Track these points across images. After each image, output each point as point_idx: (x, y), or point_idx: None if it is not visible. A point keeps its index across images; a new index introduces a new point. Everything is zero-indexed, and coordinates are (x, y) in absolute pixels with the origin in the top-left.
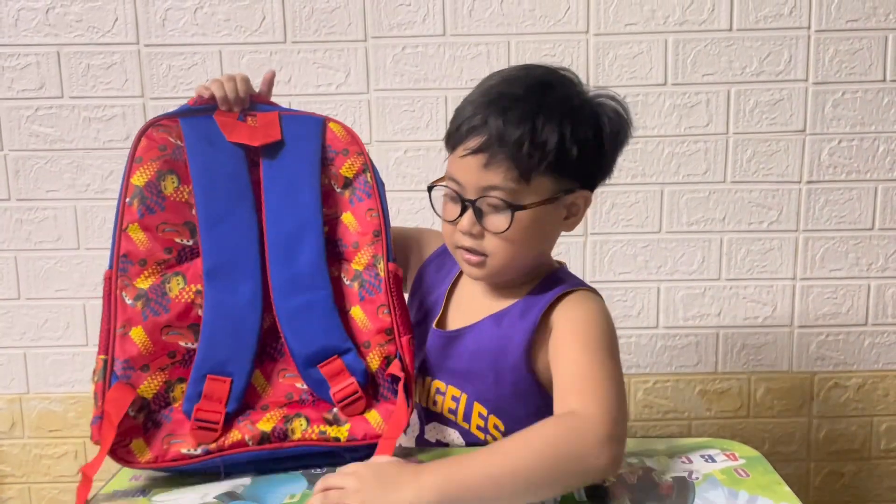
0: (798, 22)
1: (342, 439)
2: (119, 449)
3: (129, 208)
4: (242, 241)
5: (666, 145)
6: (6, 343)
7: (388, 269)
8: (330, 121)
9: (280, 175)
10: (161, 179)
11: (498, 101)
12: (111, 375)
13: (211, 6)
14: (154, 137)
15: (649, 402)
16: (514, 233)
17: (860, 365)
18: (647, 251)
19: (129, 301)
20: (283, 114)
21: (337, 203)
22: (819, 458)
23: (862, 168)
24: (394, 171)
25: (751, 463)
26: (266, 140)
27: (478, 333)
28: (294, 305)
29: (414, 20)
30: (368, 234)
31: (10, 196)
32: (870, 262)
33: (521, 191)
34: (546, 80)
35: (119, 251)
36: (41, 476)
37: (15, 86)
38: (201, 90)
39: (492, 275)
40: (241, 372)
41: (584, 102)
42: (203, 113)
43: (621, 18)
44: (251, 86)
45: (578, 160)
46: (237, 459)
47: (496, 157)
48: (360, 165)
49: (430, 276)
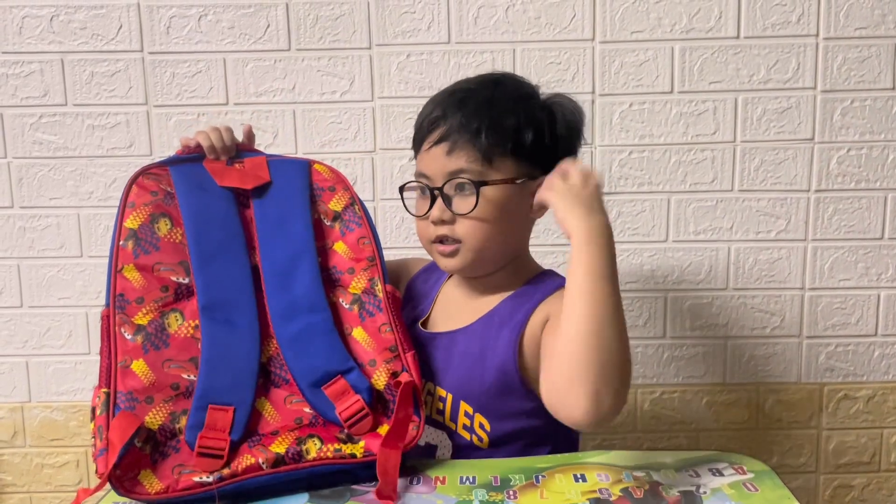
0: (806, 30)
1: (359, 455)
2: (127, 481)
3: (123, 250)
4: (236, 278)
5: (673, 153)
6: (8, 351)
7: (385, 290)
8: (315, 163)
9: (271, 211)
10: (154, 222)
11: (454, 94)
12: (114, 407)
13: (215, 14)
14: (145, 185)
15: (656, 413)
16: (481, 212)
17: (870, 376)
18: (653, 260)
19: (129, 336)
20: (270, 159)
21: (328, 235)
22: (828, 470)
23: (871, 177)
24: (398, 179)
25: (759, 477)
26: (257, 182)
27: (469, 335)
28: (294, 331)
29: (419, 28)
30: (363, 259)
31: (14, 203)
32: (879, 272)
33: (485, 172)
34: (497, 79)
35: (115, 291)
36: (42, 485)
37: (19, 93)
38: (187, 141)
39: (467, 263)
40: (244, 401)
41: (535, 96)
42: (191, 161)
43: (627, 26)
44: (234, 135)
45: (535, 144)
46: (253, 484)
47: (458, 143)
48: (348, 199)
49: (417, 289)
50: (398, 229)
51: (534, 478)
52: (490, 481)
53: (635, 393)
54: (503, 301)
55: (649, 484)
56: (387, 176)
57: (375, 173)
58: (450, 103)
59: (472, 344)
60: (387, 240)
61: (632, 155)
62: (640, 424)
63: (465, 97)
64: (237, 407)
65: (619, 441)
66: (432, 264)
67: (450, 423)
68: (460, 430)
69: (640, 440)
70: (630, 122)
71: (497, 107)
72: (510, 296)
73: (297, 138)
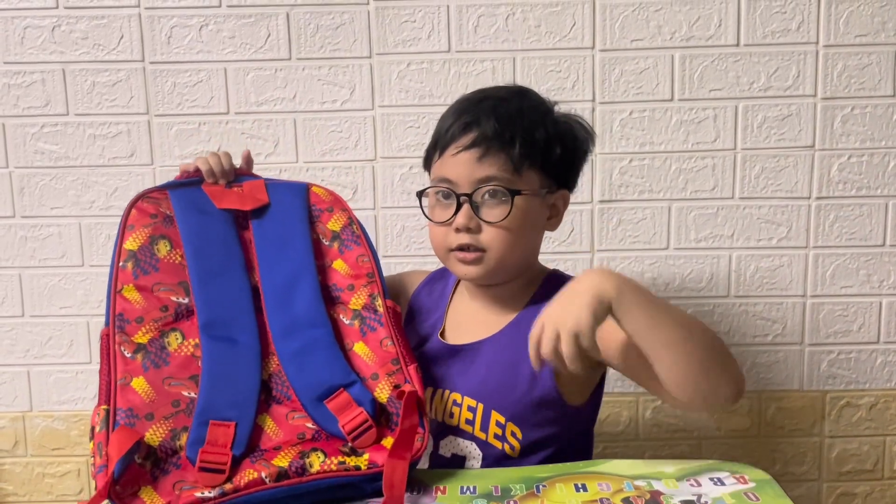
0: (806, 37)
1: (363, 467)
2: (127, 498)
3: (122, 271)
4: (236, 296)
5: (673, 161)
6: (10, 360)
7: (385, 304)
8: (313, 186)
9: (270, 231)
10: (154, 244)
11: (484, 101)
12: (114, 423)
13: (216, 23)
14: (144, 208)
15: (658, 420)
16: (512, 221)
17: (872, 384)
18: (654, 268)
19: (129, 354)
20: (268, 182)
21: (326, 254)
22: (831, 478)
23: (872, 184)
24: (398, 187)
25: (761, 486)
26: (256, 204)
27: (496, 344)
28: (295, 346)
29: (419, 36)
30: (362, 276)
31: (15, 213)
32: (881, 279)
33: (514, 181)
34: (521, 90)
35: (115, 311)
36: (44, 495)
37: (20, 103)
38: (186, 166)
39: (489, 271)
40: (245, 416)
41: (554, 111)
42: (190, 185)
43: (627, 34)
44: (233, 161)
45: (561, 159)
46: (256, 499)
47: (491, 150)
48: (346, 219)
49: (422, 303)
50: (398, 238)
51: (534, 487)
52: (490, 491)
53: (637, 401)
54: (527, 308)
55: (650, 493)
56: (387, 185)
57: (376, 182)
58: (482, 109)
59: (502, 353)
60: (388, 248)
61: (632, 163)
62: (642, 432)
63: (496, 105)
64: (239, 422)
65: (620, 449)
66: (434, 275)
67: (479, 434)
68: (491, 440)
69: (642, 448)
70: (630, 130)
71: (528, 118)
72: (531, 301)
73: (298, 147)
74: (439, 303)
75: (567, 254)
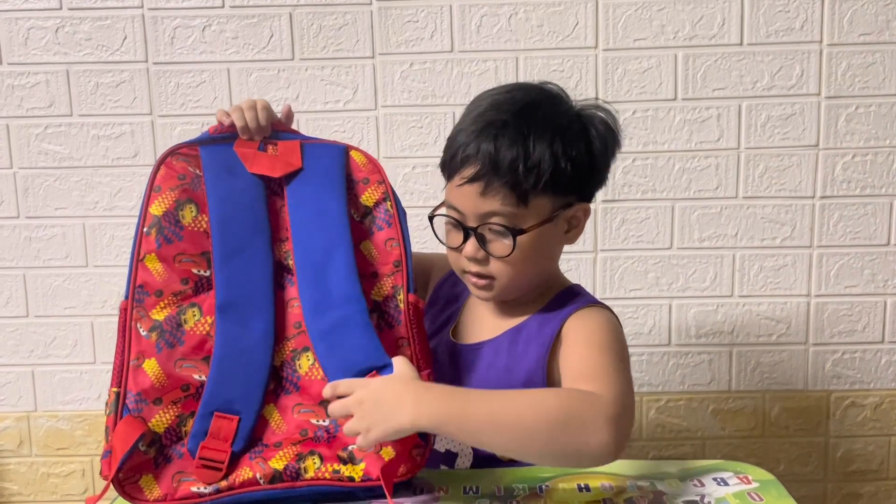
0: (810, 36)
1: (356, 479)
2: (128, 485)
3: (146, 238)
4: (256, 276)
5: (677, 161)
6: (14, 361)
7: (408, 300)
8: (352, 149)
9: (305, 200)
10: (179, 209)
11: (488, 128)
12: (123, 408)
13: (219, 24)
14: (173, 166)
15: (661, 421)
16: (517, 255)
17: (877, 383)
18: (658, 268)
19: (144, 332)
20: (305, 142)
21: (354, 232)
22: (836, 478)
23: (876, 183)
24: (402, 187)
25: (764, 486)
26: (287, 170)
27: (494, 348)
28: (327, 323)
29: (422, 36)
30: (388, 264)
31: (20, 214)
32: (886, 279)
33: (520, 214)
34: (533, 101)
35: (136, 282)
36: (48, 495)
37: (24, 104)
38: (222, 117)
39: (500, 295)
40: (250, 410)
41: (573, 118)
42: (223, 141)
43: (630, 34)
44: (273, 113)
45: (573, 175)
46: (248, 498)
47: (492, 184)
48: (381, 194)
49: (445, 292)
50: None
51: (537, 488)
52: (493, 491)
53: (641, 401)
54: (531, 317)
55: (653, 494)
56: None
57: None
58: (483, 138)
59: (498, 357)
60: None
61: (636, 162)
62: (646, 433)
63: (498, 133)
64: (243, 416)
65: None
66: None
67: None
68: None
69: (646, 448)
70: (634, 130)
71: (533, 140)
72: (538, 311)
73: None
74: (460, 295)
75: (570, 253)
